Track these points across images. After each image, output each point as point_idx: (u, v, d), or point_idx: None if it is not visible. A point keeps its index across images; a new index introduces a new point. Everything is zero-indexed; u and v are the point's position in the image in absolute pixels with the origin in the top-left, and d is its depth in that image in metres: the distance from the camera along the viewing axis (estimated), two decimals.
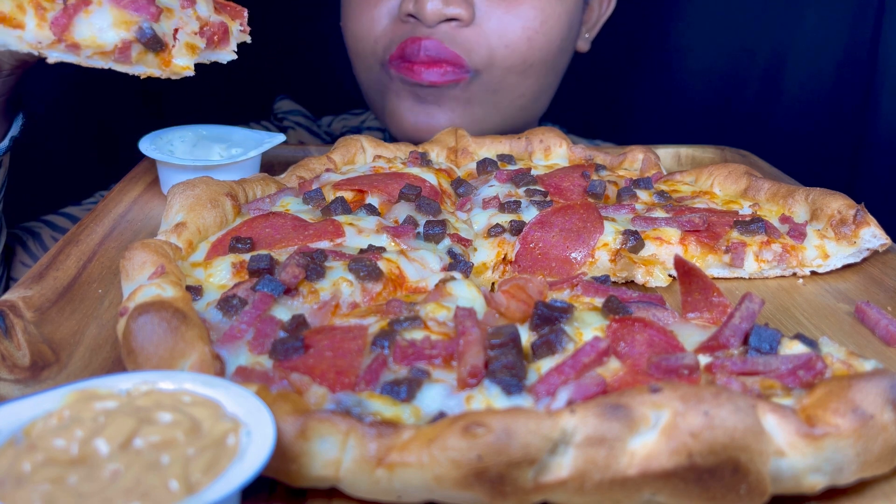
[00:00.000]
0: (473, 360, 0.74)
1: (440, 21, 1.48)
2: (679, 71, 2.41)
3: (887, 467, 0.69)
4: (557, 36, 1.57)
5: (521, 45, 1.53)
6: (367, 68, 1.62)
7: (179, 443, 0.59)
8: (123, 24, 1.04)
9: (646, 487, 0.64)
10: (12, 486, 0.55)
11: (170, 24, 1.09)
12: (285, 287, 0.88)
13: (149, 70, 1.08)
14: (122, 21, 1.04)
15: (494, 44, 1.52)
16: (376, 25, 1.56)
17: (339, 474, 0.66)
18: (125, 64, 1.06)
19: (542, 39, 1.55)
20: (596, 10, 1.75)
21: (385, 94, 1.61)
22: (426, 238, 1.06)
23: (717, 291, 0.89)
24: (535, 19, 1.53)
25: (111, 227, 1.20)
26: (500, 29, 1.51)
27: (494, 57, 1.52)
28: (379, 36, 1.55)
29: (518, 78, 1.57)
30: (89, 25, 1.03)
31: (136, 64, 1.07)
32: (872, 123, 2.07)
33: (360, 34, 1.58)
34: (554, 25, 1.55)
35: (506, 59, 1.53)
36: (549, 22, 1.54)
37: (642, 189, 1.25)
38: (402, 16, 1.51)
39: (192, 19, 1.11)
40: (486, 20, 1.51)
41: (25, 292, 0.99)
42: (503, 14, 1.51)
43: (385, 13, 1.55)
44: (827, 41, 2.18)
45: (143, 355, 0.76)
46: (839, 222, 1.11)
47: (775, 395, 0.73)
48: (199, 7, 1.12)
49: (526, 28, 1.52)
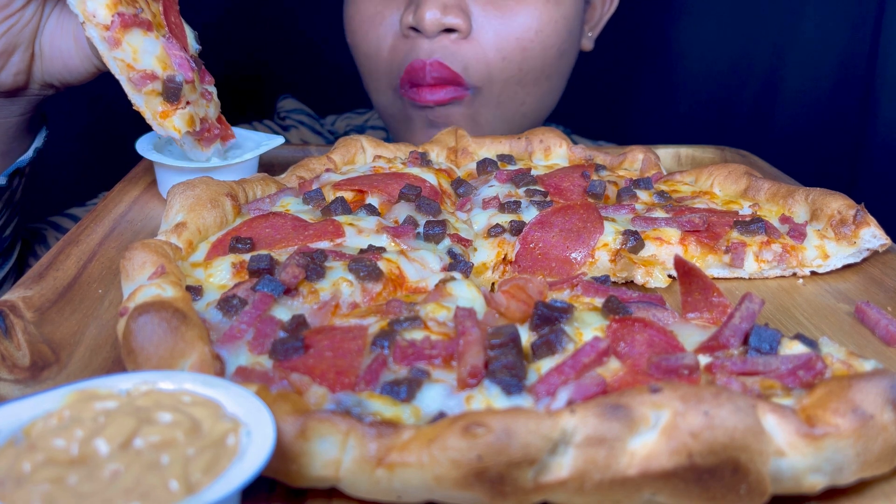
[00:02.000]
0: (473, 360, 0.74)
1: (439, 31, 1.49)
2: (679, 71, 2.41)
3: (887, 467, 0.69)
4: (555, 42, 1.58)
5: (516, 55, 1.54)
6: (380, 91, 1.65)
7: (179, 443, 0.59)
8: (162, 63, 1.15)
9: (646, 487, 0.64)
10: (12, 486, 0.55)
11: (188, 96, 1.20)
12: (285, 287, 0.88)
13: (144, 109, 1.16)
14: (163, 60, 1.16)
15: (491, 57, 1.53)
16: (383, 45, 1.57)
17: (339, 474, 0.66)
18: (135, 87, 1.14)
19: (537, 48, 1.55)
20: (598, 9, 1.75)
21: (401, 120, 1.64)
22: (426, 238, 1.06)
23: (717, 291, 0.89)
24: (531, 28, 1.54)
25: (111, 227, 1.20)
26: (496, 40, 1.52)
27: (492, 70, 1.54)
28: (387, 57, 1.58)
29: (517, 87, 1.58)
30: (140, 42, 1.14)
31: (143, 95, 1.15)
32: (872, 123, 2.08)
33: (370, 53, 1.61)
34: (550, 33, 1.56)
35: (503, 71, 1.55)
36: (545, 30, 1.55)
37: (642, 189, 1.25)
38: (404, 30, 1.53)
39: (203, 108, 1.24)
40: (482, 32, 1.52)
41: (25, 292, 0.99)
42: (499, 25, 1.52)
43: (389, 31, 1.56)
44: (827, 41, 2.18)
45: (143, 355, 0.76)
46: (839, 222, 1.11)
47: (775, 395, 0.73)
48: (211, 108, 1.27)
49: (520, 38, 1.53)
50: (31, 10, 1.20)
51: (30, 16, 1.21)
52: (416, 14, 1.48)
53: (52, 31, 1.24)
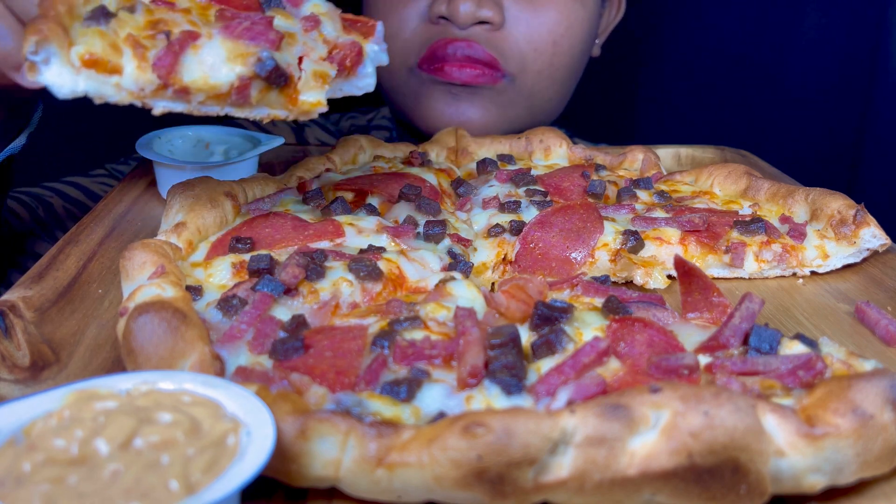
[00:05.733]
0: (473, 360, 0.74)
1: (473, 23, 1.49)
2: (679, 71, 2.41)
3: (887, 467, 0.69)
4: (580, 41, 1.60)
5: (548, 48, 1.55)
6: (391, 71, 1.62)
7: (179, 443, 0.59)
8: (239, 58, 0.86)
9: (646, 487, 0.64)
10: (12, 486, 0.55)
11: (293, 52, 0.90)
12: (285, 287, 0.88)
13: (273, 112, 0.90)
14: (238, 54, 0.86)
15: (524, 48, 1.54)
16: (405, 27, 1.56)
17: (339, 474, 0.66)
18: (244, 107, 0.88)
19: (566, 44, 1.57)
20: (606, 17, 1.77)
21: (415, 97, 1.61)
22: (426, 238, 1.06)
23: (717, 291, 0.89)
24: (561, 24, 1.55)
25: (111, 227, 1.20)
26: (528, 33, 1.54)
27: (525, 61, 1.55)
28: (408, 38, 1.56)
29: (548, 82, 1.59)
30: (199, 63, 0.84)
31: (258, 105, 0.89)
32: (872, 123, 2.08)
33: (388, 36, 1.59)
34: (578, 31, 1.58)
35: (535, 63, 1.56)
36: (573, 27, 1.57)
37: (642, 189, 1.25)
38: (434, 18, 1.52)
39: (319, 43, 0.92)
40: (515, 25, 1.53)
41: (25, 292, 0.99)
42: (530, 19, 1.53)
43: (415, 15, 1.55)
44: (827, 41, 2.18)
45: (143, 355, 0.76)
46: (839, 222, 1.11)
47: (775, 395, 0.73)
48: (325, 27, 0.94)
49: (552, 32, 1.55)
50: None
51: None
52: (450, 5, 1.48)
53: None
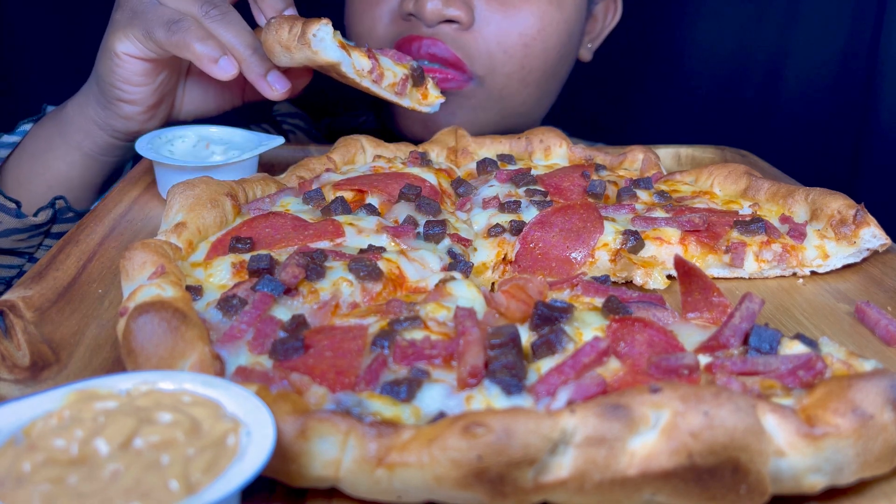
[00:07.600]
0: (473, 360, 0.74)
1: (440, 21, 1.48)
2: (679, 71, 2.41)
3: (887, 467, 0.69)
4: (556, 44, 1.58)
5: (518, 51, 1.53)
6: None
7: (179, 443, 0.59)
8: (402, 66, 1.35)
9: (646, 487, 0.64)
10: (12, 486, 0.55)
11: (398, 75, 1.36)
12: (285, 287, 0.88)
13: (413, 103, 1.35)
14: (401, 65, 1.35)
15: (493, 49, 1.52)
16: (378, 24, 1.56)
17: (339, 474, 0.66)
18: (402, 96, 1.34)
19: (539, 46, 1.55)
20: (600, 22, 1.76)
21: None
22: (426, 238, 1.06)
23: (717, 291, 0.89)
24: (533, 27, 1.53)
25: (111, 227, 1.20)
26: (498, 34, 1.52)
27: (494, 63, 1.53)
28: (381, 35, 1.56)
29: (519, 86, 1.58)
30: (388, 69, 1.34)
31: (404, 97, 1.35)
32: (872, 123, 2.07)
33: (362, 33, 1.60)
34: (552, 34, 1.56)
35: (504, 65, 1.54)
36: (546, 30, 1.55)
37: (642, 189, 1.25)
38: (403, 14, 1.51)
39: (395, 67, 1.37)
40: (485, 25, 1.51)
41: (25, 292, 0.99)
42: (501, 20, 1.52)
43: (386, 12, 1.55)
44: (827, 41, 2.17)
45: (143, 355, 0.76)
46: (839, 222, 1.11)
47: (775, 395, 0.73)
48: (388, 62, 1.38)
49: (522, 35, 1.53)
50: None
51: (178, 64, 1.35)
52: (418, 2, 1.47)
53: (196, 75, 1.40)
